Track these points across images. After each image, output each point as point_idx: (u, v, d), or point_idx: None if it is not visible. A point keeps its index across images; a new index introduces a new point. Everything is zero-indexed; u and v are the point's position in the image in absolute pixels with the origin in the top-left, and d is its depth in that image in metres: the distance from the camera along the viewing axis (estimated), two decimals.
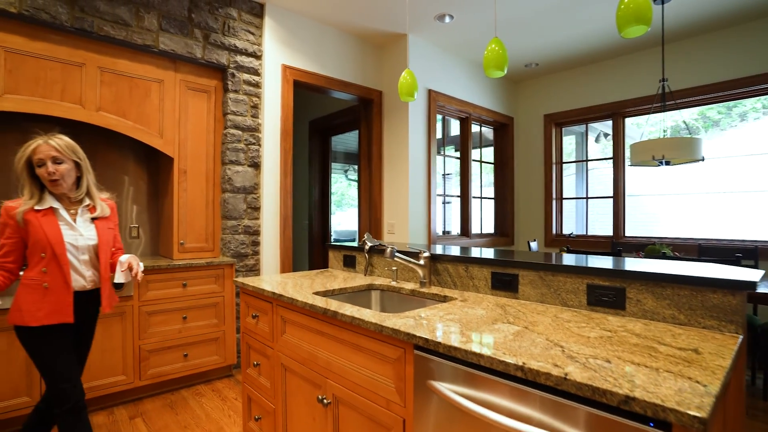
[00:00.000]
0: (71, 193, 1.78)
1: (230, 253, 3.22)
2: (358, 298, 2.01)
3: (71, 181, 1.76)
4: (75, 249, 1.74)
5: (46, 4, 2.51)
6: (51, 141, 1.70)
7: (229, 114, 3.22)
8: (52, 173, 1.67)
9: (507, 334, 1.15)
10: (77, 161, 1.77)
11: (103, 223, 1.86)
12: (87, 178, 1.82)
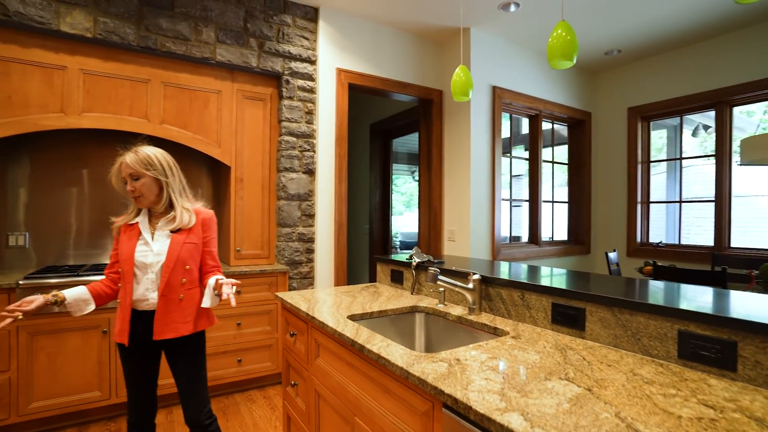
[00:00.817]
0: (155, 207, 1.70)
1: (285, 260, 3.22)
2: (400, 323, 1.85)
3: (153, 195, 1.67)
4: (143, 266, 1.63)
5: (116, 26, 2.66)
6: (127, 158, 1.65)
7: (284, 121, 3.22)
8: (132, 190, 1.64)
9: (562, 401, 0.92)
10: (156, 176, 1.66)
11: (182, 236, 1.67)
12: (168, 190, 1.69)
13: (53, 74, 2.58)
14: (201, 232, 1.74)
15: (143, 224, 1.68)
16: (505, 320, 1.61)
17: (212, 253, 1.77)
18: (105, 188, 3.10)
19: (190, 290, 1.69)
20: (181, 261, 1.66)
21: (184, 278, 1.67)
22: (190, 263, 1.68)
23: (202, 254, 1.74)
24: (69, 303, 1.59)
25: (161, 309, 1.62)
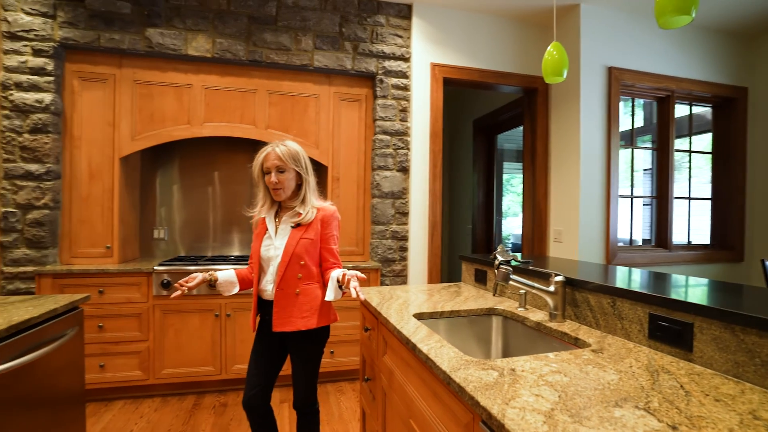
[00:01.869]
0: (290, 202, 1.74)
1: (378, 258, 3.27)
2: (475, 326, 1.71)
3: (291, 190, 1.71)
4: (267, 259, 1.70)
5: (229, 45, 3.00)
6: (277, 148, 1.67)
7: (378, 120, 3.27)
8: (274, 183, 1.66)
9: None
10: (298, 170, 1.70)
11: (299, 232, 1.69)
12: (305, 187, 1.73)
13: (182, 92, 3.01)
14: (319, 229, 1.72)
15: (269, 219, 1.74)
16: (592, 331, 1.38)
17: (331, 250, 1.74)
18: (232, 188, 3.52)
19: (308, 286, 1.68)
20: (296, 256, 1.66)
21: (300, 273, 1.67)
22: (305, 258, 1.67)
23: (320, 250, 1.72)
24: (220, 283, 1.72)
25: (278, 302, 1.65)
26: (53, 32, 2.76)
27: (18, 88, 2.70)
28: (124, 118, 2.92)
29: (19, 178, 2.70)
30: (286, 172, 1.68)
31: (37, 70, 2.73)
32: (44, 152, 2.74)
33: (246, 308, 2.91)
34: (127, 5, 2.84)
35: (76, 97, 2.86)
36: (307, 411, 1.78)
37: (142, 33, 2.87)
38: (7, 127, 2.69)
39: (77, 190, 2.86)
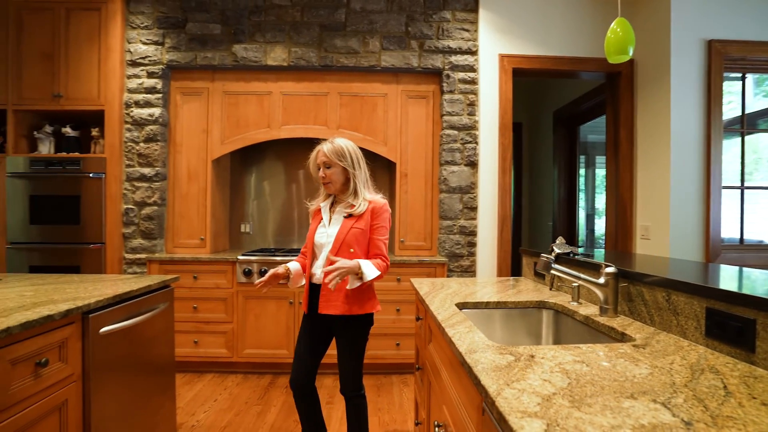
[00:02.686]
0: (341, 194, 1.87)
1: (445, 252, 3.27)
2: (523, 318, 1.65)
3: (340, 183, 1.83)
4: (320, 246, 1.82)
5: (302, 53, 3.23)
6: (324, 147, 1.82)
7: (445, 115, 3.27)
8: (323, 177, 1.82)
9: (626, 426, 0.68)
10: (344, 165, 1.81)
11: (351, 221, 1.79)
12: (354, 180, 1.83)
13: (263, 99, 3.32)
14: (369, 220, 1.80)
15: (325, 209, 1.88)
16: (645, 327, 1.25)
17: (375, 241, 1.80)
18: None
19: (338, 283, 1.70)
20: (346, 244, 1.75)
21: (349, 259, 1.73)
22: (355, 247, 1.76)
23: (369, 240, 1.81)
24: (293, 278, 1.87)
25: (326, 286, 1.71)
26: (162, 57, 3.23)
27: (136, 106, 3.21)
28: (215, 125, 3.31)
29: (136, 179, 3.22)
30: (332, 168, 1.81)
31: (150, 89, 3.22)
32: (154, 158, 3.22)
33: None
34: (218, 26, 3.22)
35: (179, 110, 3.31)
36: (353, 396, 1.85)
37: (229, 49, 3.23)
38: (128, 138, 3.21)
39: (178, 189, 3.31)
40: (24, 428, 1.28)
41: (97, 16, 3.14)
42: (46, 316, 1.34)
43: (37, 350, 1.33)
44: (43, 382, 1.35)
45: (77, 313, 1.49)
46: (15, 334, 1.24)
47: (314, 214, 1.94)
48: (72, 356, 1.48)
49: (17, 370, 1.26)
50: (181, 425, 2.36)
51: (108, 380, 1.63)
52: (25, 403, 1.29)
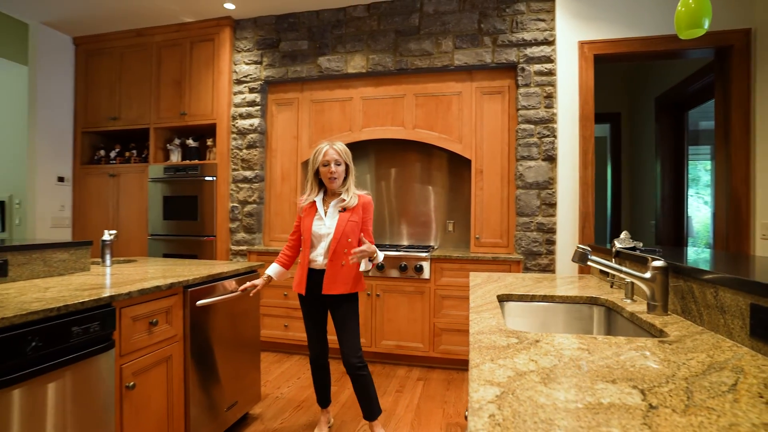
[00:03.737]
0: (338, 189, 2.10)
1: (522, 250, 3.19)
2: (572, 313, 1.60)
3: (341, 180, 2.09)
4: (318, 236, 2.06)
5: (379, 59, 3.44)
6: (335, 146, 2.06)
7: (521, 109, 3.20)
8: (333, 172, 2.04)
9: (579, 402, 0.71)
10: (347, 163, 2.10)
11: (347, 215, 2.05)
12: (350, 177, 2.12)
13: (345, 105, 3.60)
14: (361, 213, 2.09)
15: (319, 203, 2.11)
16: (692, 326, 1.16)
17: (369, 231, 2.12)
18: (404, 185, 3.98)
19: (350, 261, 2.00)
20: (345, 235, 2.03)
21: (346, 249, 2.03)
22: (351, 237, 2.05)
23: (362, 231, 2.10)
24: (275, 279, 2.20)
25: (329, 271, 2.02)
26: (260, 74, 3.70)
27: (240, 117, 3.73)
28: (303, 130, 3.68)
29: (239, 181, 3.73)
30: (341, 165, 2.07)
31: (251, 103, 3.71)
32: (254, 162, 3.70)
33: (393, 291, 3.27)
34: (305, 43, 3.59)
35: (274, 119, 3.76)
36: (359, 366, 2.06)
37: (315, 62, 3.58)
38: (234, 145, 3.75)
39: (273, 189, 3.75)
40: (142, 370, 1.65)
41: (211, 46, 3.72)
42: (156, 286, 1.71)
43: (150, 312, 1.70)
44: (155, 337, 1.72)
45: (179, 286, 1.85)
46: (134, 298, 1.62)
47: (306, 209, 2.14)
48: (175, 321, 1.84)
49: (136, 325, 1.64)
50: (267, 396, 2.71)
51: (203, 344, 1.99)
52: (142, 351, 1.66)
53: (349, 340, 2.08)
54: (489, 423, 0.62)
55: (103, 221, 4.00)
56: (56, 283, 1.71)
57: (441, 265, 3.21)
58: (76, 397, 1.38)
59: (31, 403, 1.24)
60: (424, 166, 3.82)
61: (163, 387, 1.77)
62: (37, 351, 1.26)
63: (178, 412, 1.85)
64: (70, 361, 1.36)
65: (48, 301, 1.37)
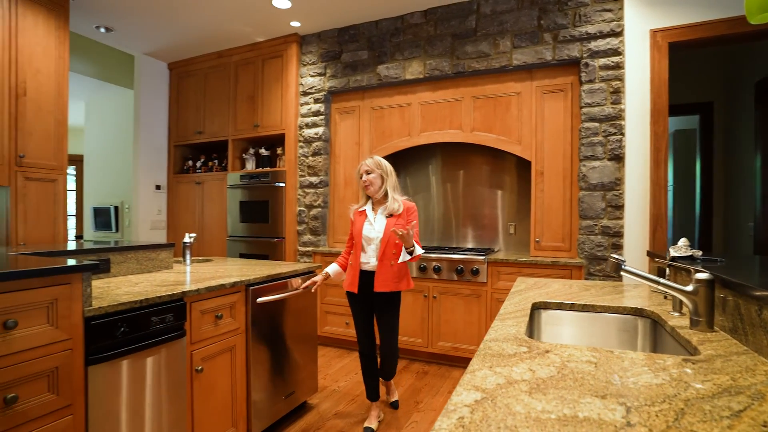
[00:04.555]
0: (377, 195, 2.32)
1: (584, 254, 3.04)
2: (614, 324, 1.53)
3: (376, 187, 2.30)
4: (368, 239, 2.29)
5: (436, 64, 3.48)
6: (368, 160, 2.34)
7: (585, 107, 3.05)
8: (365, 181, 2.31)
9: (552, 415, 0.73)
10: (381, 173, 2.31)
11: (394, 219, 2.26)
12: (385, 185, 2.31)
13: (404, 110, 3.69)
14: (407, 217, 2.30)
15: (368, 210, 2.36)
16: (735, 346, 1.08)
17: (414, 233, 2.22)
18: (472, 189, 4.01)
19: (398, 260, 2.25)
20: (392, 237, 2.22)
21: (394, 250, 2.25)
22: (398, 239, 2.18)
23: None
24: (333, 278, 2.45)
25: (379, 270, 2.25)
26: (324, 84, 3.93)
27: (306, 127, 4.00)
28: (365, 137, 3.84)
29: (306, 187, 4.00)
30: (372, 174, 2.30)
31: (316, 113, 3.96)
32: (319, 168, 3.94)
33: (449, 293, 3.29)
34: (365, 52, 3.74)
35: (337, 127, 3.97)
36: (392, 353, 2.37)
37: (374, 71, 3.71)
38: (300, 153, 4.02)
39: (337, 193, 3.96)
40: (209, 357, 1.90)
41: (280, 62, 4.03)
42: (221, 284, 1.95)
43: (216, 307, 1.94)
44: (220, 329, 1.96)
45: (242, 285, 2.08)
46: (202, 294, 1.86)
47: (356, 215, 2.40)
48: (238, 315, 2.07)
49: (204, 317, 1.88)
50: (325, 388, 2.89)
51: (263, 336, 2.21)
52: (209, 340, 1.90)
53: (386, 335, 2.35)
54: (455, 425, 0.67)
55: (190, 223, 4.52)
56: (144, 279, 2.02)
57: (498, 269, 3.17)
58: (158, 372, 1.64)
59: (131, 372, 1.51)
60: (488, 169, 3.78)
61: (228, 373, 2.01)
62: (125, 335, 1.53)
63: (241, 395, 2.07)
64: (150, 345, 1.62)
65: (134, 295, 1.64)
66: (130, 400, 1.55)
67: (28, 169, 2.98)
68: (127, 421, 1.54)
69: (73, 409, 1.38)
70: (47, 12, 3.10)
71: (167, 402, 1.69)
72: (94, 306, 1.45)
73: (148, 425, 1.61)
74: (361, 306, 2.37)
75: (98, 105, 5.36)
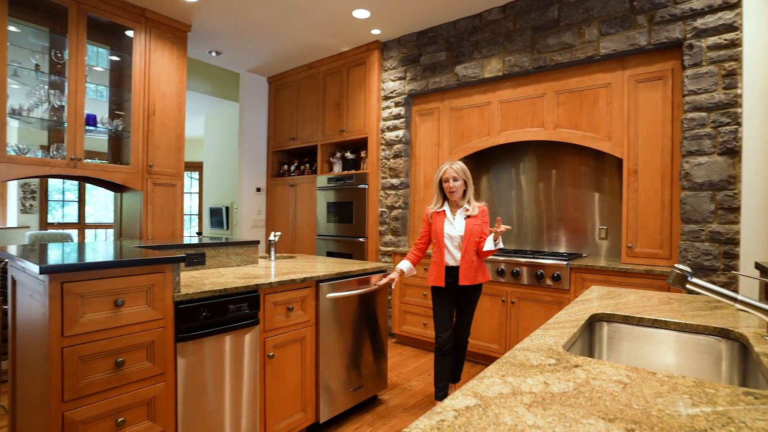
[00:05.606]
0: (459, 201, 2.52)
1: (688, 263, 2.68)
2: (692, 346, 1.35)
3: (461, 193, 2.51)
4: (450, 237, 2.48)
5: (516, 60, 3.34)
6: (453, 166, 2.49)
7: (689, 95, 2.68)
8: (451, 187, 2.48)
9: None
10: (464, 179, 2.49)
11: (472, 220, 2.47)
12: (469, 190, 2.52)
13: (483, 110, 3.61)
14: (482, 218, 2.50)
15: (448, 211, 2.54)
16: None
17: (486, 232, 2.46)
18: (565, 190, 3.82)
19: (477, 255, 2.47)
20: (473, 235, 2.45)
21: (475, 247, 2.45)
22: (477, 237, 2.44)
23: (482, 233, 2.45)
24: (406, 275, 2.63)
25: (463, 266, 2.44)
26: (404, 88, 4.02)
27: (387, 130, 4.12)
28: (444, 138, 3.84)
29: (387, 188, 4.12)
30: (458, 181, 2.47)
31: (396, 116, 4.06)
32: (399, 170, 4.04)
33: (528, 299, 3.15)
34: (443, 54, 3.74)
35: (417, 129, 4.03)
36: (463, 345, 2.62)
37: (452, 71, 3.69)
38: (382, 156, 4.16)
39: (417, 195, 4.02)
40: (280, 345, 2.10)
41: (363, 69, 4.22)
42: (291, 279, 2.14)
43: (288, 300, 2.14)
44: (291, 320, 2.15)
45: (312, 280, 2.26)
46: (274, 287, 2.07)
47: (434, 216, 2.57)
48: (308, 309, 2.25)
49: (276, 309, 2.09)
50: (396, 385, 2.97)
51: (332, 330, 2.36)
52: (280, 330, 2.10)
53: (465, 324, 2.60)
54: (432, 426, 0.69)
55: (285, 223, 4.95)
56: (230, 272, 2.30)
57: (582, 276, 2.94)
58: (234, 354, 1.87)
59: (212, 351, 1.76)
60: (580, 168, 3.52)
61: (298, 361, 2.20)
62: (207, 319, 1.78)
63: (310, 383, 2.25)
64: (227, 329, 1.85)
65: (217, 285, 1.89)
66: (210, 375, 1.79)
67: (155, 176, 3.56)
68: (208, 392, 1.78)
69: (166, 377, 1.65)
70: (171, 44, 3.67)
71: (242, 380, 1.91)
72: (182, 292, 1.71)
73: (224, 398, 1.85)
74: (446, 299, 2.51)
75: (214, 118, 6.15)
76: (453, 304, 2.55)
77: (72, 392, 1.40)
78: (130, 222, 3.65)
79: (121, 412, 1.52)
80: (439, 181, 2.54)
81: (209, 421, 1.79)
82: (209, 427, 1.79)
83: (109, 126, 3.46)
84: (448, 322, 2.51)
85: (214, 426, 1.81)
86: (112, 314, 1.49)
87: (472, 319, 2.62)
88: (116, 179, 3.34)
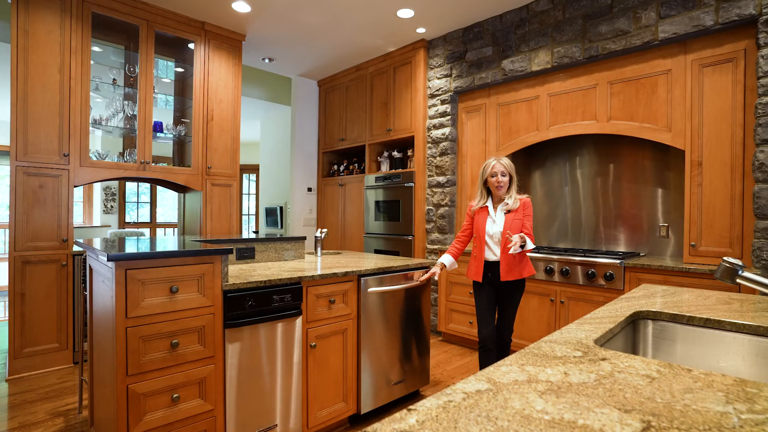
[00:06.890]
0: (503, 195, 2.48)
1: (761, 264, 2.43)
2: (756, 348, 1.24)
3: (506, 188, 2.47)
4: (490, 234, 2.46)
5: (565, 51, 3.21)
6: (501, 161, 2.47)
7: (763, 77, 2.44)
8: (499, 182, 2.44)
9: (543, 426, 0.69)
10: (511, 174, 2.47)
11: (512, 214, 2.43)
12: (513, 186, 2.49)
13: (531, 104, 3.50)
14: (523, 211, 2.44)
15: (490, 207, 2.51)
16: None
17: (527, 226, 2.42)
18: (609, 182, 3.66)
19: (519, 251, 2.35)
20: (513, 230, 2.39)
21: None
22: (516, 233, 2.37)
23: (522, 227, 2.40)
24: (448, 269, 2.66)
25: (503, 261, 2.41)
26: (450, 86, 4.00)
27: (434, 128, 4.12)
28: (491, 134, 3.77)
29: (434, 186, 4.12)
30: (506, 176, 2.45)
31: (443, 114, 4.05)
32: (446, 168, 4.02)
33: (579, 298, 3.01)
34: (489, 49, 3.68)
35: (464, 126, 3.98)
36: (507, 342, 2.53)
37: (499, 66, 3.62)
38: (429, 154, 4.16)
39: (464, 192, 3.98)
40: (322, 336, 2.18)
41: (409, 68, 4.25)
42: (333, 273, 2.21)
43: (330, 293, 2.22)
44: (333, 313, 2.23)
45: (354, 275, 2.32)
46: (316, 280, 2.15)
47: (477, 212, 2.55)
48: (350, 302, 2.32)
49: (318, 301, 2.17)
50: (439, 382, 2.96)
51: (374, 324, 2.41)
52: (322, 321, 2.19)
53: (508, 320, 2.53)
54: (440, 405, 0.70)
55: (334, 221, 5.09)
56: (277, 266, 2.42)
57: (638, 275, 2.77)
58: (278, 342, 1.98)
59: (257, 338, 1.88)
60: (641, 162, 3.31)
61: (339, 352, 2.27)
62: (252, 308, 1.89)
63: (351, 374, 2.31)
64: (272, 318, 1.96)
65: (262, 277, 2.01)
66: (255, 361, 1.91)
67: (213, 177, 3.82)
68: (253, 376, 1.90)
69: (215, 360, 1.78)
70: (227, 54, 3.92)
71: (285, 368, 2.01)
72: (230, 282, 1.83)
73: (268, 383, 1.95)
74: (488, 294, 2.49)
75: (269, 122, 6.46)
76: (494, 300, 2.52)
77: (135, 367, 1.56)
78: (192, 220, 3.95)
79: (176, 389, 1.66)
80: (485, 177, 2.51)
81: (254, 404, 1.91)
82: (254, 408, 1.91)
83: (174, 132, 3.76)
84: (490, 318, 2.48)
85: (259, 408, 1.92)
86: (167, 300, 1.64)
87: (515, 316, 2.56)
88: (179, 180, 3.63)
